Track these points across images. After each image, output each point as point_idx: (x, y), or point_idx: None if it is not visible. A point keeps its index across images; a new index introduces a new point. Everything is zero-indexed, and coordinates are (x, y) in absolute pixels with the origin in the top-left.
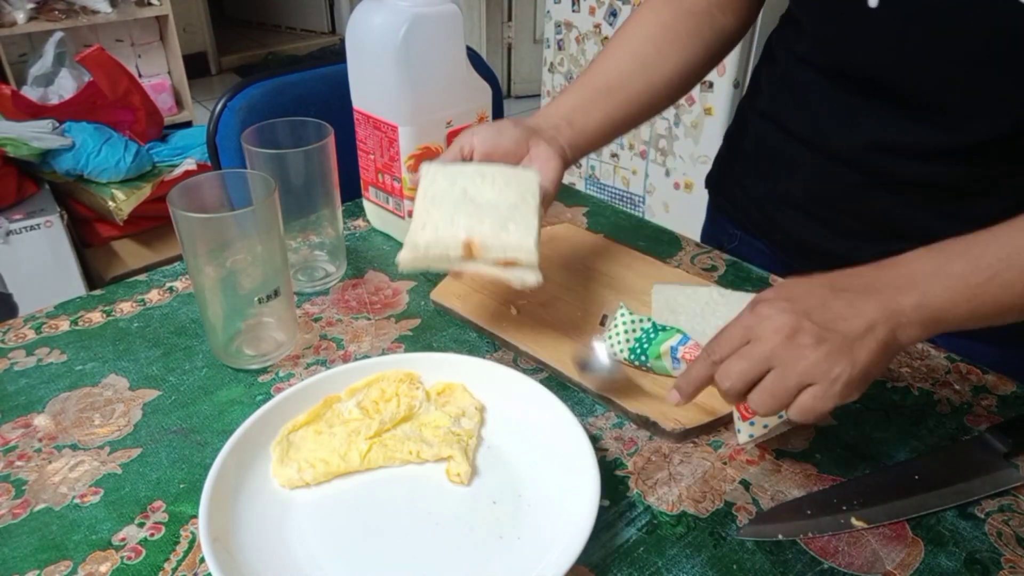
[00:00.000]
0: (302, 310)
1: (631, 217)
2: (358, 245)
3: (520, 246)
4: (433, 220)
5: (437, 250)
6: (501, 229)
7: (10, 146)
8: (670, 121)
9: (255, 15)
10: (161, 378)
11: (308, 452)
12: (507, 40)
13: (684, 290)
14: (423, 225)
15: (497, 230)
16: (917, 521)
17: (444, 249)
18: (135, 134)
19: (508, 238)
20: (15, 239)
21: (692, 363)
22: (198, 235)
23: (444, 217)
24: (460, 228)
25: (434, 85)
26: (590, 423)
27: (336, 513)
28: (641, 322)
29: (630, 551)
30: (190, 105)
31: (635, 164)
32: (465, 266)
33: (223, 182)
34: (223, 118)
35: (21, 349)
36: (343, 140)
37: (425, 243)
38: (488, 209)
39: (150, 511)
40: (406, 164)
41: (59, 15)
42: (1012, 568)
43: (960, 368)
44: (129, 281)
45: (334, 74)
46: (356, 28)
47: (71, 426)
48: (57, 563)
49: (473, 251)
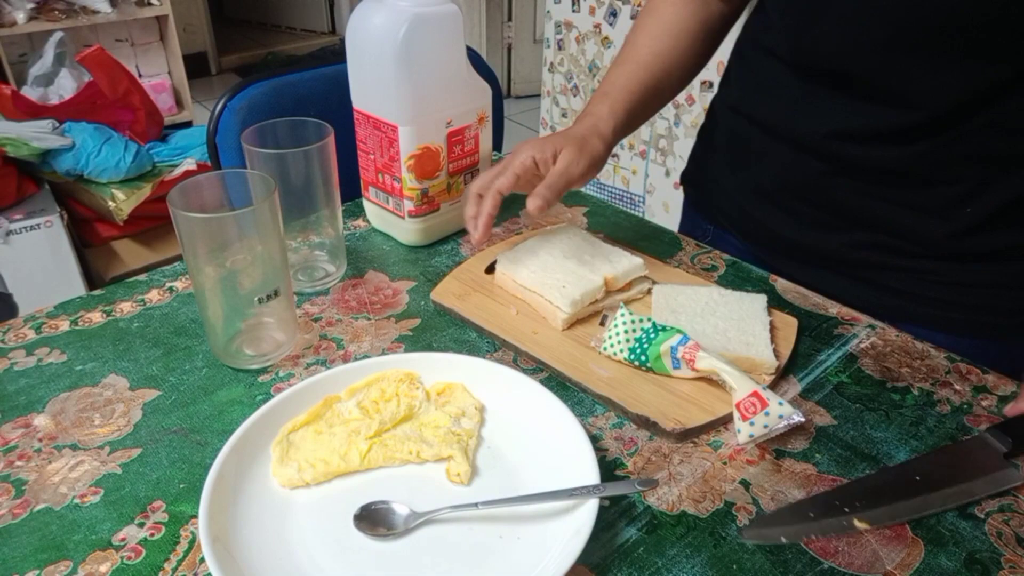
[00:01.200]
0: (302, 310)
1: (631, 217)
2: (358, 245)
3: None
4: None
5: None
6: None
7: (10, 146)
8: (670, 121)
9: (255, 15)
10: (161, 378)
11: (308, 452)
12: (507, 40)
13: (684, 290)
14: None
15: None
16: (917, 521)
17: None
18: (135, 134)
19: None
20: (15, 239)
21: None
22: (198, 235)
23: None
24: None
25: (434, 85)
26: (590, 423)
27: (336, 513)
28: (641, 322)
29: (630, 551)
30: (190, 105)
31: (635, 164)
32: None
33: (223, 182)
34: (223, 118)
35: (21, 349)
36: (343, 140)
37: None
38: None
39: (150, 511)
40: (406, 164)
41: (59, 15)
42: (1012, 568)
43: (960, 368)
44: (129, 281)
45: (334, 74)
46: (356, 28)
47: (71, 426)
48: (57, 563)
49: (608, 285)
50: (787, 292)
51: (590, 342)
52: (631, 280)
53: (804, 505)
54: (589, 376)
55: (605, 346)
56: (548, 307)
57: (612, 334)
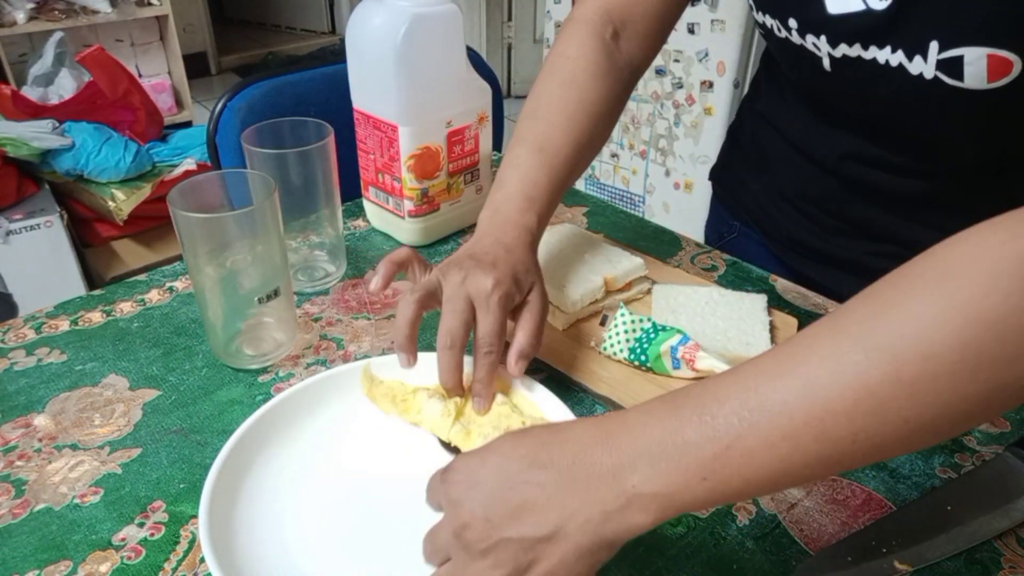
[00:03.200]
0: (302, 310)
1: (631, 217)
2: (358, 245)
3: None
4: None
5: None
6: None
7: (10, 146)
8: (670, 121)
9: (255, 15)
10: (161, 378)
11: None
12: (507, 40)
13: (684, 290)
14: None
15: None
16: None
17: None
18: (135, 134)
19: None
20: (15, 239)
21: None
22: (198, 235)
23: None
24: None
25: (434, 85)
26: None
27: (336, 513)
28: (641, 322)
29: (630, 551)
30: (190, 105)
31: (635, 164)
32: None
33: (223, 182)
34: (223, 118)
35: (21, 349)
36: (343, 140)
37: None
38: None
39: (150, 511)
40: (406, 164)
41: (59, 15)
42: (1012, 568)
43: None
44: (129, 281)
45: (334, 74)
46: (356, 28)
47: (71, 426)
48: (57, 563)
49: (608, 285)
50: (787, 292)
51: (590, 342)
52: (631, 280)
53: (840, 548)
54: (589, 376)
55: (605, 346)
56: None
57: (612, 334)
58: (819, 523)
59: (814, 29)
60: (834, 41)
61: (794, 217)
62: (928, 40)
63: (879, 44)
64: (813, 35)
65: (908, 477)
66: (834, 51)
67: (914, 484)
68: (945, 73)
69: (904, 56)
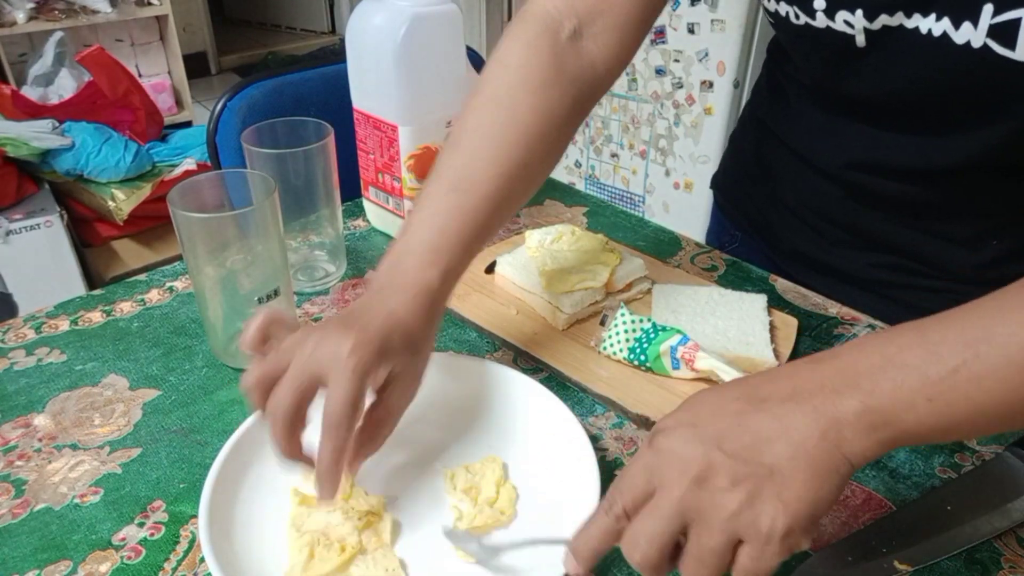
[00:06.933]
0: (302, 310)
1: (631, 217)
2: (358, 245)
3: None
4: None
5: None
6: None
7: (10, 146)
8: (670, 121)
9: (255, 15)
10: (161, 378)
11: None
12: None
13: (684, 290)
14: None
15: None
16: None
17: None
18: (135, 134)
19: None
20: (15, 239)
21: (589, 519)
22: (198, 235)
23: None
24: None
25: (434, 85)
26: (590, 423)
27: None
28: (641, 322)
29: None
30: (190, 105)
31: (635, 164)
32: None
33: (223, 182)
34: (223, 118)
35: (21, 349)
36: (343, 140)
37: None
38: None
39: (150, 511)
40: (406, 164)
41: (59, 15)
42: (1012, 568)
43: None
44: (129, 281)
45: (334, 74)
46: (356, 28)
47: (71, 426)
48: (57, 563)
49: (608, 286)
50: (787, 292)
51: (590, 342)
52: (631, 280)
53: (840, 548)
54: (589, 376)
55: (605, 346)
56: (548, 307)
57: (612, 334)
58: (819, 523)
59: (848, 4)
60: (872, 13)
61: (796, 227)
62: (982, 2)
63: (923, 11)
64: (847, 10)
65: (908, 477)
66: (871, 24)
67: (914, 484)
68: (997, 40)
69: (950, 23)
